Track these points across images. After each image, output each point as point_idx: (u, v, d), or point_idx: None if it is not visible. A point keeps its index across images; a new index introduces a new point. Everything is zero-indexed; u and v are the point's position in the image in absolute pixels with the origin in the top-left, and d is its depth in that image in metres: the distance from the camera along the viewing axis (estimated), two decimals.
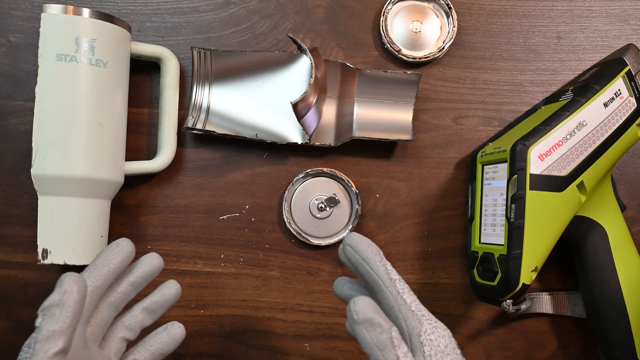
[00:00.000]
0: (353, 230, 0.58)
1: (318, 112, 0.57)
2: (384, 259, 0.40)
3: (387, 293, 0.39)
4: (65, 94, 0.49)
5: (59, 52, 0.49)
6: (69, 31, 0.49)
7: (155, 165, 0.55)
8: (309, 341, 0.59)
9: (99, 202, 0.52)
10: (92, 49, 0.50)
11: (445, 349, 0.37)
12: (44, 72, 0.49)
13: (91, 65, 0.50)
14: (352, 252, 0.40)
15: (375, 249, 0.40)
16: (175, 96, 0.56)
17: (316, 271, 0.59)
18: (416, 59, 0.58)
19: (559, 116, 0.51)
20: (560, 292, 0.58)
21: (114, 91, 0.52)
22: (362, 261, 0.40)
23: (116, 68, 0.51)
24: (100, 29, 0.50)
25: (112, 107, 0.51)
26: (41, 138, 0.49)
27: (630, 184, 0.59)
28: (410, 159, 0.59)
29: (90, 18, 0.50)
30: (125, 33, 0.53)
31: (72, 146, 0.50)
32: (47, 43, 0.49)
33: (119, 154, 0.53)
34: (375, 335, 0.36)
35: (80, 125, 0.50)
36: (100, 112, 0.51)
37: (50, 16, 0.49)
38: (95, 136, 0.50)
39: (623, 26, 0.60)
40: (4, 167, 0.58)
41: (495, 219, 0.53)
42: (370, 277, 0.40)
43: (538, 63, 0.59)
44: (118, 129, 0.52)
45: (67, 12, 0.50)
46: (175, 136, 0.56)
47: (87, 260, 0.51)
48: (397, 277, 0.39)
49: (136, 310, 0.45)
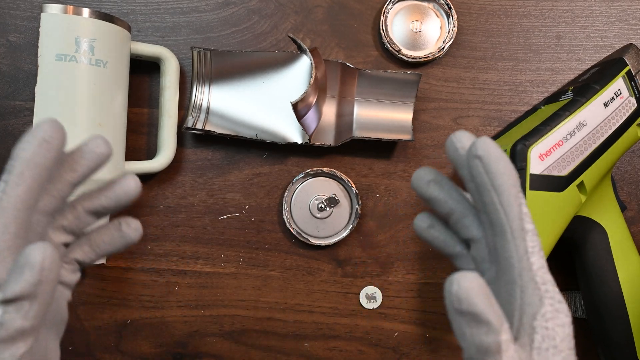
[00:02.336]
0: (353, 229, 0.58)
1: (318, 112, 0.57)
2: (522, 195, 0.30)
3: (511, 245, 0.29)
4: (65, 94, 0.49)
5: (58, 52, 0.49)
6: (69, 31, 0.49)
7: (155, 165, 0.55)
8: (309, 341, 0.59)
9: None
10: (92, 48, 0.50)
11: (561, 343, 0.29)
12: (43, 72, 0.49)
13: (91, 65, 0.50)
14: (480, 169, 0.29)
15: (515, 176, 0.30)
16: (175, 96, 0.56)
17: (316, 271, 0.59)
18: (416, 59, 0.58)
19: (559, 116, 0.51)
20: (560, 292, 0.58)
21: (114, 91, 0.52)
22: (490, 188, 0.29)
23: (116, 68, 0.51)
24: (100, 29, 0.50)
25: (112, 107, 0.51)
26: None
27: (630, 184, 0.59)
28: (410, 159, 0.59)
29: (90, 18, 0.50)
30: (125, 33, 0.53)
31: (72, 146, 0.49)
32: (47, 43, 0.49)
33: (118, 153, 0.53)
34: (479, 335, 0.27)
35: (80, 125, 0.50)
36: (100, 112, 0.50)
37: (50, 16, 0.49)
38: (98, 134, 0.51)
39: (623, 26, 0.60)
40: (4, 167, 0.58)
41: None
42: (496, 215, 0.30)
43: (538, 63, 0.59)
44: (118, 129, 0.52)
45: (67, 12, 0.50)
46: (175, 136, 0.56)
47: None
48: (531, 228, 0.30)
49: (80, 211, 0.35)
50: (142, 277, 0.58)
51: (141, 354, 0.58)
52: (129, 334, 0.58)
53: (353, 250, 0.59)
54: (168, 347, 0.58)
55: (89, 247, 0.35)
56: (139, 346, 0.58)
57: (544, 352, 0.28)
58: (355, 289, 0.59)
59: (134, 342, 0.58)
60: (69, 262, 0.35)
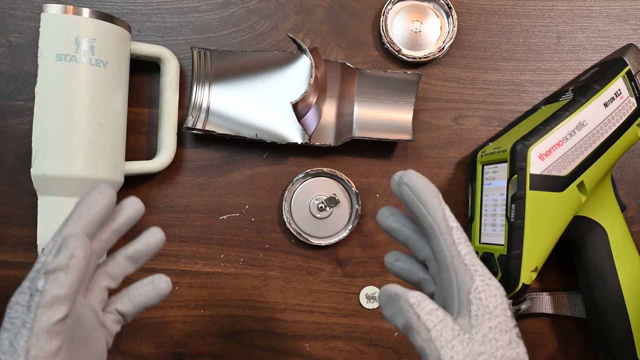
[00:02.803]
0: (353, 229, 0.58)
1: (318, 112, 0.57)
2: (443, 202, 0.37)
3: (441, 241, 0.36)
4: (65, 94, 0.49)
5: (58, 52, 0.49)
6: (69, 31, 0.49)
7: (155, 165, 0.55)
8: (309, 341, 0.59)
9: None
10: (92, 48, 0.50)
11: (495, 309, 0.34)
12: (43, 72, 0.49)
13: (91, 65, 0.50)
14: (408, 191, 0.37)
15: (434, 190, 0.37)
16: (175, 96, 0.56)
17: (316, 271, 0.59)
18: (416, 59, 0.58)
19: (559, 116, 0.51)
20: (560, 292, 0.58)
21: (114, 91, 0.52)
22: (418, 203, 0.37)
23: (116, 68, 0.52)
24: (100, 29, 0.50)
25: (112, 107, 0.52)
26: (41, 138, 0.49)
27: (630, 184, 0.59)
28: (410, 159, 0.59)
29: (90, 18, 0.50)
30: (125, 33, 0.53)
31: (72, 146, 0.50)
32: (47, 43, 0.49)
33: (118, 153, 0.53)
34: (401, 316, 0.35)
35: (80, 125, 0.50)
36: (100, 112, 0.51)
37: (50, 16, 0.49)
38: (94, 136, 0.50)
39: (623, 26, 0.60)
40: (4, 167, 0.58)
41: (495, 219, 0.53)
42: (426, 221, 0.36)
43: (538, 63, 0.59)
44: (118, 129, 0.52)
45: (67, 12, 0.50)
46: (175, 136, 0.56)
47: None
48: (455, 225, 0.36)
49: (119, 259, 0.42)
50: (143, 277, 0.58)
51: (141, 354, 0.58)
52: (129, 334, 0.58)
53: (353, 250, 0.59)
54: (168, 347, 0.58)
55: (127, 299, 0.42)
56: (139, 346, 0.58)
57: (480, 317, 0.34)
58: (355, 289, 0.59)
59: (134, 342, 0.58)
60: (111, 312, 0.42)
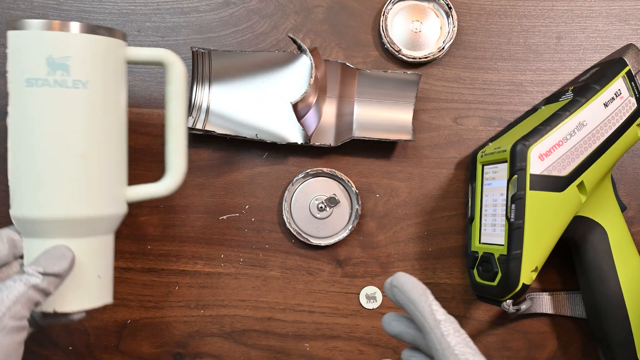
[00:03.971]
0: (353, 229, 0.58)
1: (318, 112, 0.57)
2: (430, 298, 0.40)
3: (432, 335, 0.38)
4: (38, 125, 0.41)
5: (29, 76, 0.41)
6: (39, 50, 0.41)
7: (161, 189, 0.47)
8: (309, 341, 0.59)
9: (93, 241, 0.44)
10: (67, 68, 0.41)
11: None
12: (14, 101, 0.42)
13: (66, 88, 0.41)
14: (398, 293, 0.41)
15: (422, 288, 0.40)
16: (182, 108, 0.46)
17: (316, 271, 0.59)
18: (416, 59, 0.58)
19: (559, 116, 0.51)
20: (560, 292, 0.58)
21: (100, 114, 0.43)
22: (408, 302, 0.40)
23: (101, 86, 0.43)
24: (77, 44, 0.41)
25: (97, 133, 0.43)
26: (16, 177, 0.42)
27: (630, 184, 0.59)
28: (410, 159, 0.59)
29: (62, 32, 0.41)
30: (113, 42, 0.43)
31: (50, 184, 0.42)
32: (15, 66, 0.41)
33: (112, 185, 0.44)
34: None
35: (56, 159, 0.42)
36: (81, 142, 0.42)
37: (16, 35, 0.41)
38: (75, 170, 0.42)
39: (623, 26, 0.60)
40: (4, 167, 0.58)
41: (495, 219, 0.53)
42: (417, 319, 0.40)
43: (538, 63, 0.59)
44: (108, 158, 0.44)
45: (35, 27, 0.41)
46: (185, 156, 0.47)
47: (79, 306, 0.43)
48: (442, 318, 0.39)
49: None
50: (142, 277, 0.58)
51: (141, 354, 0.58)
52: (129, 334, 0.58)
53: (353, 250, 0.59)
54: (168, 347, 0.58)
55: None
56: (139, 346, 0.58)
57: None
58: (355, 289, 0.59)
59: (134, 342, 0.58)
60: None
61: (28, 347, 0.58)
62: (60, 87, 0.41)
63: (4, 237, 0.43)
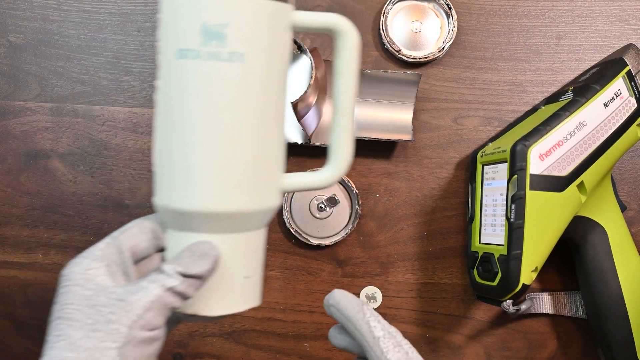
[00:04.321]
0: (353, 229, 0.58)
1: (318, 112, 0.57)
2: (368, 314, 0.38)
3: (371, 353, 0.37)
4: (184, 104, 0.35)
5: (180, 46, 0.35)
6: (192, 16, 0.35)
7: (322, 178, 0.40)
8: (309, 341, 0.59)
9: (242, 237, 0.38)
10: (223, 37, 0.35)
11: None
12: (164, 75, 0.36)
13: (220, 62, 0.35)
14: (335, 311, 0.39)
15: (358, 305, 0.39)
16: (352, 85, 0.39)
17: (316, 271, 0.59)
18: (416, 59, 0.58)
19: (559, 116, 0.51)
20: (560, 292, 0.58)
21: (256, 93, 0.36)
22: (346, 320, 0.38)
23: (262, 60, 0.36)
24: (237, 8, 0.35)
25: (252, 115, 0.36)
26: (161, 161, 0.37)
27: (630, 184, 0.59)
28: (410, 159, 0.59)
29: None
30: (279, 7, 0.36)
31: (199, 172, 0.35)
32: (166, 35, 0.36)
33: (269, 174, 0.38)
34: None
35: (207, 144, 0.35)
36: (233, 125, 0.36)
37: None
38: (230, 157, 0.36)
39: (623, 26, 0.60)
40: (4, 167, 0.58)
41: (495, 219, 0.53)
42: (356, 337, 0.38)
43: (538, 63, 0.59)
44: (265, 143, 0.37)
45: None
46: (352, 142, 0.40)
47: (222, 310, 0.38)
48: (380, 335, 0.38)
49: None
50: None
51: None
52: None
53: (353, 250, 0.59)
54: (168, 347, 0.58)
55: None
56: None
57: None
58: (355, 289, 0.59)
59: None
60: None
61: (28, 347, 0.58)
62: (214, 61, 0.35)
63: (147, 227, 0.38)
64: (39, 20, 0.58)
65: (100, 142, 0.58)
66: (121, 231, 0.38)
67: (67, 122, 0.58)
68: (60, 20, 0.58)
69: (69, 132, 0.58)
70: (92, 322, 0.33)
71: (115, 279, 0.35)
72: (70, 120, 0.58)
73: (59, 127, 0.58)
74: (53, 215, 0.58)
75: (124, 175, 0.58)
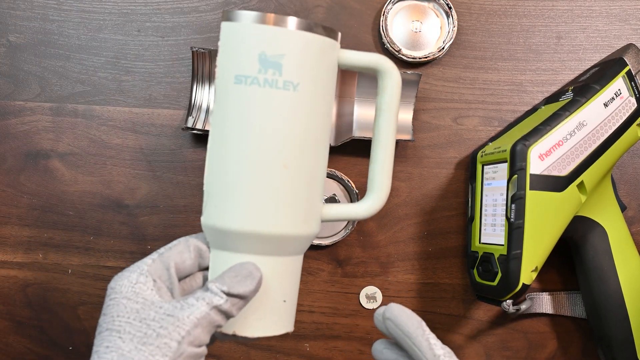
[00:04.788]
0: (353, 229, 0.58)
1: None
2: (427, 331, 0.38)
3: None
4: (239, 127, 0.38)
5: (238, 72, 0.38)
6: (251, 45, 0.37)
7: (362, 209, 0.42)
8: (309, 341, 0.59)
9: (283, 261, 0.40)
10: (279, 66, 0.37)
11: None
12: (220, 99, 0.38)
13: (276, 89, 0.37)
14: (393, 326, 0.38)
15: (417, 321, 0.38)
16: (393, 122, 0.42)
17: (316, 271, 0.59)
18: (416, 59, 0.58)
19: (559, 116, 0.51)
20: (560, 292, 0.58)
21: (306, 121, 0.38)
22: (403, 336, 0.38)
23: (311, 90, 0.39)
24: (292, 41, 0.38)
25: (301, 142, 0.38)
26: (211, 181, 0.39)
27: (630, 184, 0.59)
28: (410, 159, 0.59)
29: (277, 27, 0.38)
30: (330, 43, 0.39)
31: (248, 193, 0.38)
32: (226, 61, 0.38)
33: (312, 200, 0.40)
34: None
35: (257, 166, 0.38)
36: (284, 150, 0.38)
37: (229, 26, 0.38)
38: (278, 181, 0.38)
39: (623, 26, 0.60)
40: (4, 167, 0.58)
41: (495, 219, 0.53)
42: (414, 353, 0.38)
43: (538, 63, 0.59)
44: (310, 169, 0.39)
45: (249, 19, 0.38)
46: (390, 175, 0.42)
47: (261, 332, 0.39)
48: (441, 353, 0.37)
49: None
50: None
51: None
52: None
53: (353, 250, 0.59)
54: None
55: None
56: None
57: None
58: (355, 289, 0.59)
59: None
60: None
61: (28, 347, 0.58)
62: (270, 88, 0.37)
63: (192, 245, 0.39)
64: (39, 20, 0.58)
65: (100, 142, 0.58)
66: (167, 248, 0.38)
67: (67, 122, 0.58)
68: (60, 20, 0.58)
69: (69, 132, 0.58)
70: (142, 336, 0.33)
71: (162, 294, 0.36)
72: (70, 120, 0.58)
73: (59, 127, 0.58)
74: (53, 215, 0.58)
75: (124, 175, 0.58)
